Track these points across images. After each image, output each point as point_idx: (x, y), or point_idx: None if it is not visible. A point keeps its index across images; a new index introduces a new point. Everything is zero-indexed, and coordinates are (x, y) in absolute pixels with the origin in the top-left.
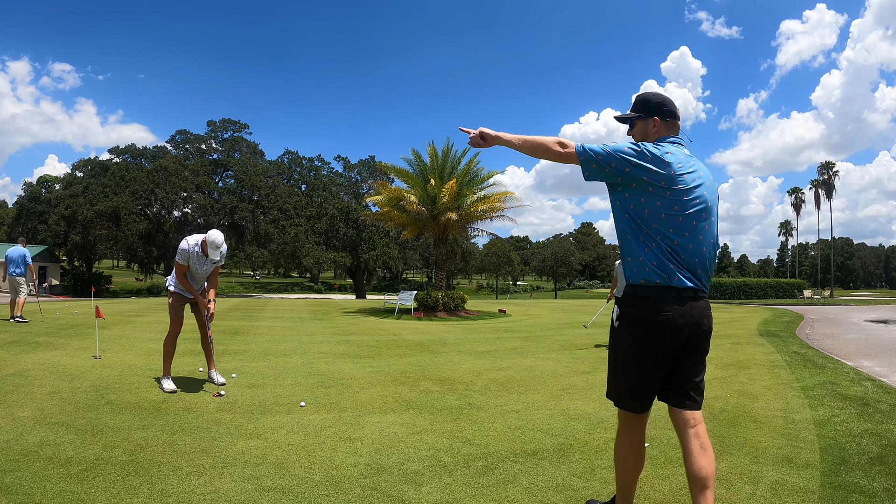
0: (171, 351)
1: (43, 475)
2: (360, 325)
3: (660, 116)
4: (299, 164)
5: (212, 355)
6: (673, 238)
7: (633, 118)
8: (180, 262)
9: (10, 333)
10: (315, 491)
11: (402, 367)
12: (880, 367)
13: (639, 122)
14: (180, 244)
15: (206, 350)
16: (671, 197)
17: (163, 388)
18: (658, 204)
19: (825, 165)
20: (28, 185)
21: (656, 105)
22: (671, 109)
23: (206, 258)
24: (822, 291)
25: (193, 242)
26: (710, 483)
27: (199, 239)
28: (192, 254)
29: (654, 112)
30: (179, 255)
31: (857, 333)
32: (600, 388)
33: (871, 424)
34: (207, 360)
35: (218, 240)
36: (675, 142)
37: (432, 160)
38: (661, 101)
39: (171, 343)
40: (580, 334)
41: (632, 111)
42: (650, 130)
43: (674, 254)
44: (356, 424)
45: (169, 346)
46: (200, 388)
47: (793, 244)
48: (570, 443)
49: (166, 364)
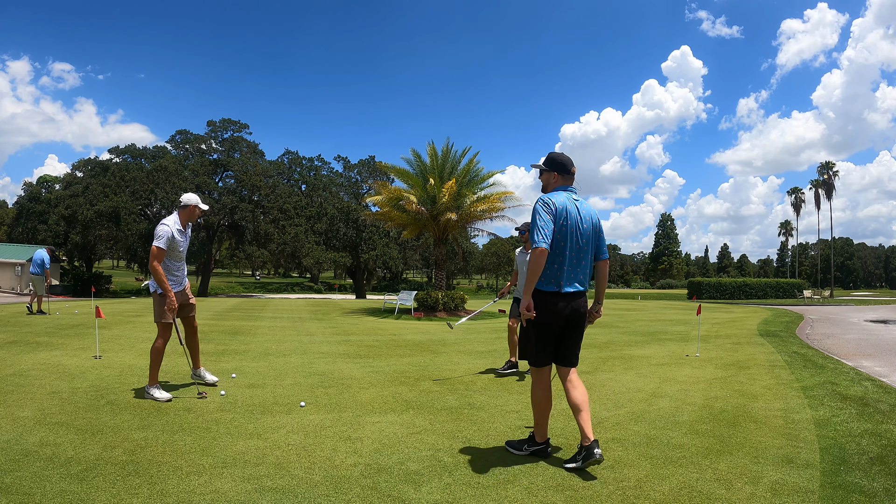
0: (159, 359)
1: (43, 475)
2: (360, 325)
3: (559, 172)
4: (299, 164)
5: (198, 353)
6: (557, 259)
7: (543, 170)
8: (163, 247)
9: (10, 333)
10: (315, 491)
11: (402, 367)
12: (880, 367)
13: (545, 173)
14: (157, 229)
15: (193, 347)
16: (558, 231)
17: (154, 397)
18: (557, 236)
19: (825, 165)
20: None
21: (559, 164)
22: (567, 168)
23: (184, 232)
24: (822, 291)
25: (172, 221)
26: (584, 407)
27: (175, 217)
28: (173, 231)
29: (555, 168)
30: (160, 240)
31: (857, 333)
32: (600, 388)
33: (871, 424)
34: (193, 359)
35: (193, 195)
36: (568, 189)
37: (432, 160)
38: (562, 162)
39: (160, 351)
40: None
41: (544, 165)
42: (552, 180)
43: (560, 269)
44: (356, 424)
45: (158, 353)
46: (200, 389)
47: (793, 244)
48: (570, 443)
49: (154, 372)
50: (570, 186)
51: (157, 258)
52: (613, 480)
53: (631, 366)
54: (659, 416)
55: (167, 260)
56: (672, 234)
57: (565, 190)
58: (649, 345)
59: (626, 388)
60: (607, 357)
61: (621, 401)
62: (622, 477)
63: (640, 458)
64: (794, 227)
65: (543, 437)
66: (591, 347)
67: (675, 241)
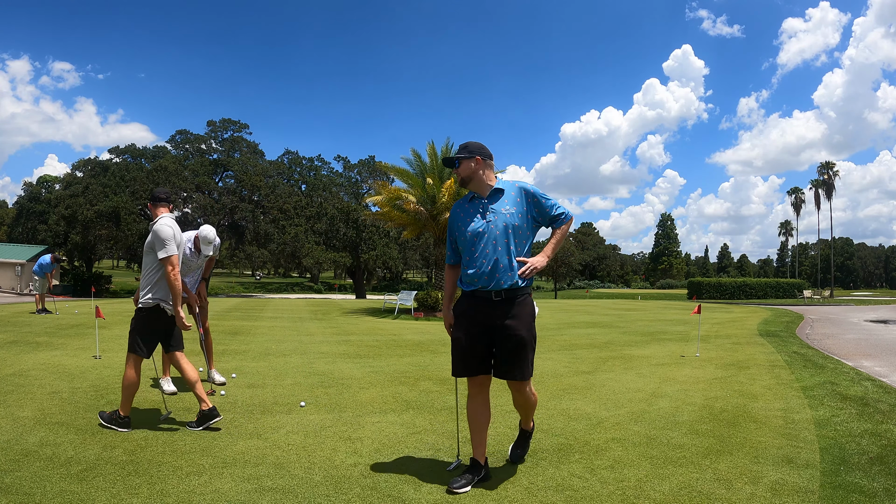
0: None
1: (43, 475)
2: (360, 325)
3: (484, 157)
4: (299, 164)
5: (210, 355)
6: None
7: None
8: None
9: (11, 333)
10: (315, 491)
11: (402, 367)
12: (880, 367)
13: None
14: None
15: (205, 349)
16: None
17: (163, 389)
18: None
19: (825, 165)
20: (28, 185)
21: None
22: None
23: (199, 254)
24: (822, 291)
25: (186, 239)
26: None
27: (191, 235)
28: (184, 250)
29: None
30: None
31: (857, 333)
32: (600, 388)
33: (871, 424)
34: (207, 360)
35: (210, 235)
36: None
37: (432, 160)
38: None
39: None
40: (580, 334)
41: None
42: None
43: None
44: (356, 424)
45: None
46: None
47: (793, 244)
48: (570, 443)
49: (165, 365)
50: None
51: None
52: (613, 480)
53: (631, 366)
54: (659, 416)
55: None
56: (672, 234)
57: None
58: (649, 345)
59: (626, 388)
60: (607, 357)
61: (621, 401)
62: (622, 477)
63: (640, 458)
64: (794, 227)
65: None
66: (591, 347)
67: (676, 241)
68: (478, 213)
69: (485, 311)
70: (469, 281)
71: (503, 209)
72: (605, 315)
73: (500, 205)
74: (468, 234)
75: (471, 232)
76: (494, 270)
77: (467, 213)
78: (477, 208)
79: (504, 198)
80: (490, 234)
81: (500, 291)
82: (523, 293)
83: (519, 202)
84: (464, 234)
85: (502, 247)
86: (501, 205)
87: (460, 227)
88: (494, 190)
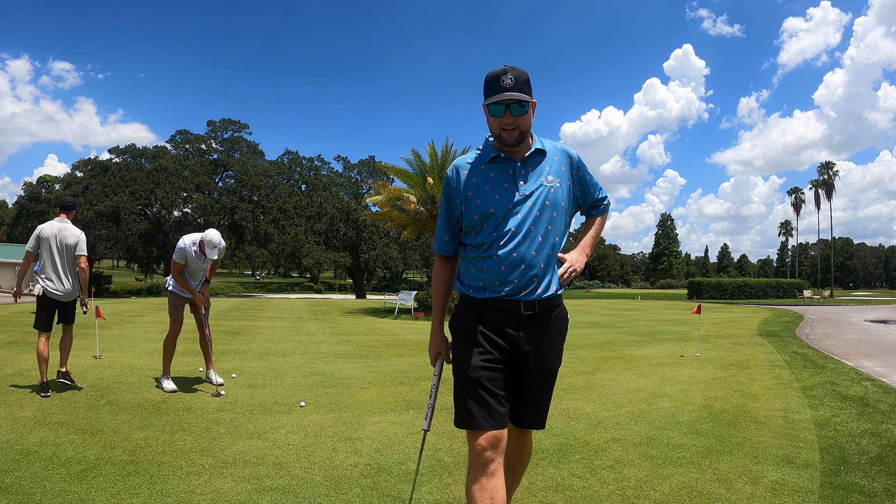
0: (171, 351)
1: (43, 475)
2: (360, 325)
3: None
4: (299, 164)
5: (210, 355)
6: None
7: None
8: (177, 261)
9: (11, 333)
10: (315, 491)
11: (402, 367)
12: (880, 367)
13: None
14: (178, 243)
15: (205, 350)
16: None
17: (163, 388)
18: None
19: (825, 165)
20: (28, 185)
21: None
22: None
23: (204, 256)
24: (822, 291)
25: (191, 241)
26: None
27: (196, 238)
28: (189, 252)
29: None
30: (177, 254)
31: (857, 333)
32: (600, 388)
33: (871, 424)
34: (206, 360)
35: (215, 239)
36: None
37: (432, 160)
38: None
39: (171, 343)
40: (580, 334)
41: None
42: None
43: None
44: (356, 424)
45: (169, 346)
46: (200, 388)
47: (793, 244)
48: (570, 443)
49: (166, 364)
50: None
51: (174, 270)
52: (613, 480)
53: (631, 366)
54: (659, 416)
55: (184, 272)
56: (672, 234)
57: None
58: (649, 345)
59: (626, 388)
60: (607, 357)
61: (621, 401)
62: (622, 477)
63: (640, 458)
64: (794, 227)
65: None
66: (592, 347)
67: (676, 241)
68: (506, 181)
69: (506, 331)
70: (483, 284)
71: (545, 179)
72: (605, 315)
73: (540, 172)
74: (490, 213)
75: (495, 210)
76: (529, 269)
77: (486, 179)
78: (505, 173)
79: (545, 164)
80: (527, 216)
81: (533, 303)
82: (559, 303)
83: (563, 172)
84: (483, 211)
85: (543, 235)
86: (542, 172)
87: (475, 200)
88: (535, 150)
